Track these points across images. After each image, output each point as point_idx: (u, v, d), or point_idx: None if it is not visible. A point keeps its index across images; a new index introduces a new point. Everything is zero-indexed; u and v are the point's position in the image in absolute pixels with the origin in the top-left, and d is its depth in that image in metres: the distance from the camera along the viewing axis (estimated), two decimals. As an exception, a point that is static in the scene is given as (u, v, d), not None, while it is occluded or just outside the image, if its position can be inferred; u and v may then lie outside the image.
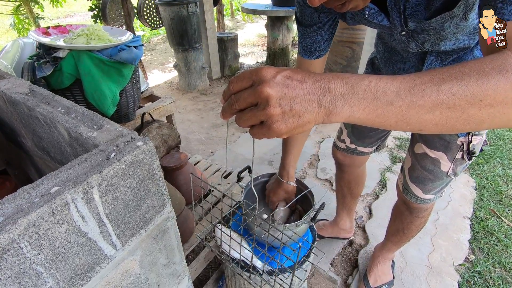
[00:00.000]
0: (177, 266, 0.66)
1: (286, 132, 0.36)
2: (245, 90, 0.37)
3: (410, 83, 0.34)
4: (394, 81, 0.35)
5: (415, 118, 0.35)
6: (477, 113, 0.34)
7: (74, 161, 0.44)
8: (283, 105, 0.35)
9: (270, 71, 0.36)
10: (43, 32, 1.10)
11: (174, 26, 2.75)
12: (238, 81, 0.38)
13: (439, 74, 0.35)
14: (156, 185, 0.51)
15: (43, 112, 0.59)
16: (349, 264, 1.35)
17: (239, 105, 0.37)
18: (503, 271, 1.28)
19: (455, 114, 0.34)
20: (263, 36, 5.16)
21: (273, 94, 0.34)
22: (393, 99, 0.34)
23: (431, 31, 0.59)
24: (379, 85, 0.35)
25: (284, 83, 0.35)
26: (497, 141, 2.14)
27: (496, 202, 1.63)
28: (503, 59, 0.34)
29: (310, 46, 0.74)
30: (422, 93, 0.34)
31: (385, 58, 0.83)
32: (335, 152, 1.15)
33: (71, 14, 8.24)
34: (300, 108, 0.35)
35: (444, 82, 0.34)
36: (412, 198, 0.91)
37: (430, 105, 0.34)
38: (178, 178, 1.28)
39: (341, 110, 0.35)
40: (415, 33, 0.61)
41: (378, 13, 0.60)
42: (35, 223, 0.35)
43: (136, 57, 1.08)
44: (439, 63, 0.71)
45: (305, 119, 0.35)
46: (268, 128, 0.36)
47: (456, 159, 0.78)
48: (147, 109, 1.51)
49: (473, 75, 0.33)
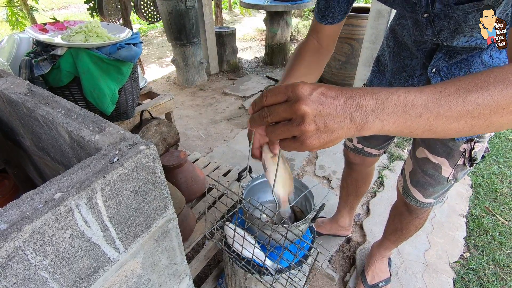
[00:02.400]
0: (178, 266, 0.67)
1: (318, 147, 0.37)
2: (280, 105, 0.38)
3: (437, 95, 0.36)
4: (422, 94, 0.36)
5: (441, 127, 0.36)
6: (498, 120, 0.36)
7: (77, 165, 0.44)
8: (318, 122, 0.36)
9: (306, 88, 0.37)
10: (40, 28, 1.08)
11: (172, 21, 2.72)
12: (273, 95, 0.39)
13: (464, 84, 0.36)
14: (159, 188, 0.51)
15: (43, 114, 0.58)
16: (347, 261, 1.37)
17: (272, 118, 0.38)
18: (497, 268, 1.31)
19: (479, 122, 0.36)
20: (262, 31, 5.12)
21: (309, 112, 0.36)
22: (421, 111, 0.35)
23: (453, 20, 0.58)
24: (408, 99, 0.36)
25: (319, 101, 0.36)
26: (493, 139, 2.16)
27: (491, 200, 1.66)
28: None
29: (324, 10, 0.72)
30: (449, 105, 0.35)
31: (394, 53, 0.83)
32: (346, 151, 1.16)
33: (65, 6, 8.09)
34: (333, 124, 0.36)
35: (470, 93, 0.35)
36: (412, 202, 0.92)
37: (456, 115, 0.35)
38: (178, 177, 1.28)
39: (372, 125, 0.36)
40: (437, 17, 0.60)
41: None
42: (39, 230, 0.35)
43: (135, 55, 1.07)
44: (446, 61, 0.70)
45: (337, 134, 0.37)
46: (301, 143, 0.37)
47: (458, 165, 0.78)
48: (146, 106, 1.50)
49: (498, 84, 0.35)
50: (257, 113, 0.40)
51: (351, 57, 2.70)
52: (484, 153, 0.79)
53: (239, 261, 0.80)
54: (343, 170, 1.26)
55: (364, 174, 1.19)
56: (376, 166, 1.93)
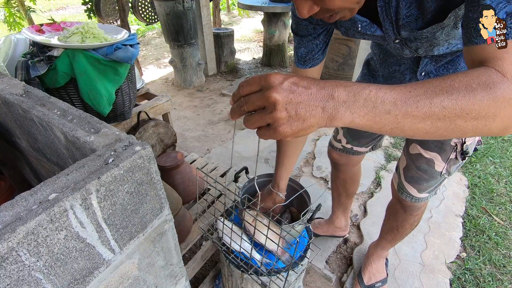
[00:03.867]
0: (174, 267, 0.67)
1: (291, 134, 0.38)
2: (254, 94, 0.40)
3: (406, 95, 0.37)
4: (393, 92, 0.37)
5: (408, 126, 0.38)
6: (463, 124, 0.37)
7: (72, 166, 0.44)
8: (289, 109, 0.37)
9: (278, 77, 0.38)
10: (37, 29, 1.08)
11: (169, 22, 2.72)
12: (248, 85, 0.41)
13: (432, 87, 0.37)
14: (154, 188, 0.51)
15: (38, 115, 0.58)
16: (344, 262, 1.37)
17: (248, 107, 0.40)
18: (493, 268, 1.31)
19: (444, 124, 0.37)
20: (260, 32, 5.13)
21: (280, 99, 0.37)
22: (390, 108, 0.37)
23: (424, 39, 0.61)
24: (378, 95, 0.37)
25: (290, 89, 0.37)
26: (489, 139, 2.17)
27: (487, 201, 1.67)
28: (488, 75, 0.37)
29: (305, 56, 0.75)
30: (416, 105, 0.37)
31: (381, 60, 0.85)
32: (331, 151, 1.17)
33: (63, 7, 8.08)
34: (305, 112, 0.37)
35: (436, 95, 0.37)
36: (407, 197, 0.93)
37: (423, 115, 0.37)
38: (175, 178, 1.28)
39: (343, 116, 0.37)
40: (409, 41, 0.63)
41: (371, 24, 0.61)
42: (33, 231, 0.35)
43: (132, 56, 1.07)
44: (433, 65, 0.72)
45: (309, 122, 0.38)
46: (274, 131, 0.38)
47: (450, 159, 0.80)
48: (143, 107, 1.50)
49: (461, 90, 0.37)
50: (236, 103, 0.42)
51: (348, 58, 2.71)
52: (476, 145, 0.81)
53: (228, 254, 0.81)
54: (331, 172, 1.27)
55: (351, 174, 1.20)
56: (373, 167, 1.94)
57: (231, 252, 0.81)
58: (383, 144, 2.16)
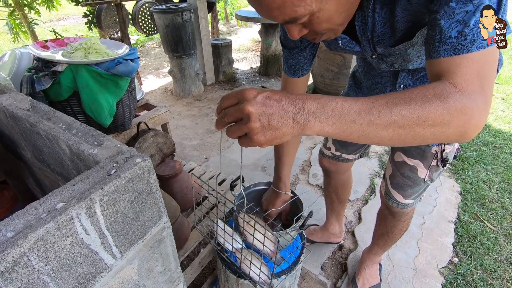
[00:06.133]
0: (172, 273, 0.70)
1: (265, 143, 0.43)
2: (232, 107, 0.45)
3: (370, 105, 0.42)
4: (357, 103, 0.42)
5: (373, 134, 0.42)
6: (422, 131, 0.42)
7: (78, 177, 0.47)
8: (262, 120, 0.42)
9: (252, 92, 0.44)
10: (42, 45, 1.13)
11: (169, 33, 2.79)
12: (227, 99, 0.46)
13: (392, 98, 0.42)
14: (153, 197, 0.55)
15: (45, 129, 0.62)
16: (339, 268, 1.40)
17: (228, 119, 0.45)
18: (485, 273, 1.34)
19: (404, 131, 0.42)
20: (257, 41, 5.22)
21: (253, 111, 0.42)
22: (355, 118, 0.42)
23: (397, 55, 0.66)
24: (344, 106, 0.42)
25: (263, 102, 0.43)
26: (481, 146, 2.22)
27: (479, 206, 1.70)
28: (442, 88, 0.42)
29: (294, 66, 0.81)
30: (378, 114, 0.41)
31: (365, 72, 0.90)
32: (321, 159, 1.21)
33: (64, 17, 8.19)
34: (277, 123, 0.42)
35: (396, 105, 0.41)
36: (394, 204, 0.97)
37: (385, 124, 0.41)
38: (173, 186, 1.31)
39: (313, 125, 0.42)
40: (384, 56, 0.68)
41: (350, 41, 0.67)
42: (43, 237, 0.39)
43: (132, 70, 1.12)
44: (410, 78, 0.78)
45: (281, 132, 0.42)
46: (250, 139, 0.43)
47: (432, 166, 0.84)
48: (143, 118, 1.55)
49: (418, 100, 0.41)
50: (219, 115, 0.47)
51: (343, 68, 2.77)
52: (455, 153, 0.85)
53: (222, 253, 0.86)
54: (323, 179, 1.31)
55: (342, 181, 1.24)
56: (368, 174, 1.97)
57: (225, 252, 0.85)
58: (378, 151, 2.21)
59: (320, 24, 0.50)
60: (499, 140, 2.28)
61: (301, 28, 0.53)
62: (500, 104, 2.84)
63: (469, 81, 0.42)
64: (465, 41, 0.43)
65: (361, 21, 0.60)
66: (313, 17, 0.48)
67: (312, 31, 0.54)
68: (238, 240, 0.83)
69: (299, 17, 0.47)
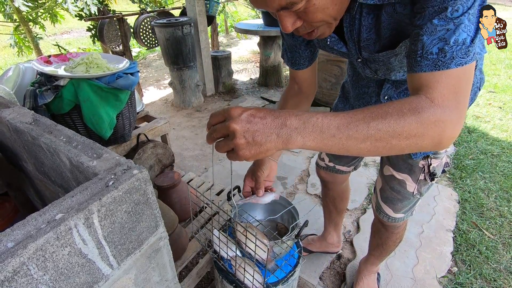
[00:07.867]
0: (169, 283, 0.71)
1: (250, 157, 0.46)
2: (220, 124, 0.48)
3: (348, 120, 0.45)
4: (336, 118, 0.45)
5: (352, 146, 0.45)
6: (398, 143, 0.44)
7: (77, 189, 0.49)
8: (247, 136, 0.45)
9: (237, 110, 0.47)
10: (45, 60, 1.17)
11: (169, 46, 2.85)
12: (215, 116, 0.50)
13: (370, 113, 0.45)
14: (150, 208, 0.57)
15: (46, 142, 0.64)
16: (338, 277, 1.39)
17: (216, 135, 0.49)
18: (484, 282, 1.33)
19: (381, 144, 0.44)
20: (257, 53, 5.31)
21: (238, 129, 0.45)
22: (335, 132, 0.44)
23: (381, 62, 0.69)
24: (324, 122, 0.45)
25: (247, 120, 0.46)
26: (479, 155, 2.23)
27: (478, 215, 1.70)
28: (418, 102, 0.45)
29: (291, 58, 0.83)
30: (356, 128, 0.44)
31: (353, 81, 0.93)
32: (318, 170, 1.22)
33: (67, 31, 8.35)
34: (261, 139, 0.45)
35: (373, 120, 0.44)
36: (384, 217, 0.98)
37: (363, 137, 0.44)
38: (171, 197, 1.33)
39: (296, 140, 0.45)
40: (368, 62, 0.71)
41: (338, 41, 0.69)
42: (42, 247, 0.40)
43: (132, 83, 1.16)
44: (394, 90, 0.80)
45: (265, 147, 0.45)
46: (236, 154, 0.46)
47: (420, 180, 0.85)
48: (143, 129, 1.57)
49: (394, 114, 0.44)
50: (209, 131, 0.50)
51: (340, 79, 2.82)
52: (444, 167, 0.86)
53: (218, 261, 0.87)
54: (321, 190, 1.33)
55: (340, 192, 1.25)
56: (366, 183, 1.98)
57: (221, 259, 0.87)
58: (376, 161, 2.22)
59: (315, 14, 0.51)
60: (496, 149, 2.29)
61: (296, 20, 0.53)
62: (497, 113, 2.87)
63: (445, 96, 0.45)
64: (445, 58, 0.45)
65: (349, 22, 0.62)
66: (309, 4, 0.49)
67: (306, 23, 0.54)
68: (232, 248, 0.84)
69: (297, 1, 0.48)
